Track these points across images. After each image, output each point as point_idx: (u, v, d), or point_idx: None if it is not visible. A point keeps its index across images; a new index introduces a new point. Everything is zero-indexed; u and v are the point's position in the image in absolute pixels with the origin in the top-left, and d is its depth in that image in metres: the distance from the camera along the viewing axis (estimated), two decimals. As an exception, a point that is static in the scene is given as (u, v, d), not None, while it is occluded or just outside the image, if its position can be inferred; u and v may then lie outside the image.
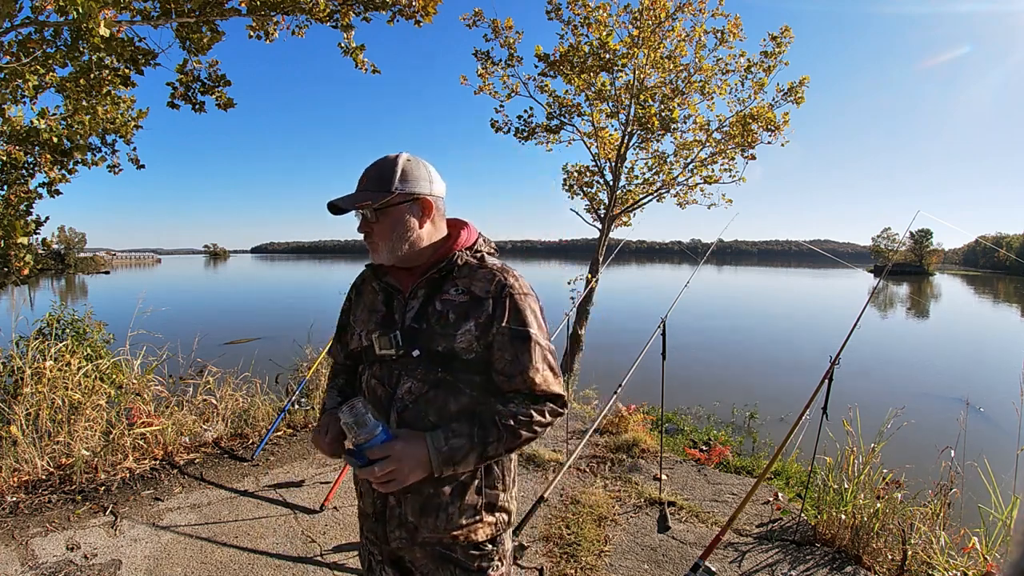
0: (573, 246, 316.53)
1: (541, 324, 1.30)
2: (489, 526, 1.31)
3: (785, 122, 7.16)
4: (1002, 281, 73.62)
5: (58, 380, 3.92)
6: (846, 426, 3.36)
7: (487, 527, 1.31)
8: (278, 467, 4.00)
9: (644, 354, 3.62)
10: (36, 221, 4.64)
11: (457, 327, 1.24)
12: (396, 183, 1.26)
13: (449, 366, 1.25)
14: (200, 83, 4.83)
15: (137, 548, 2.89)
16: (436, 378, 1.25)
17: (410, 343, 1.26)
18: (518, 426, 1.21)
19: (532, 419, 1.22)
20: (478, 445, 1.18)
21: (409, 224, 1.28)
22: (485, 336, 1.24)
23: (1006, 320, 28.24)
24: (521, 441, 1.23)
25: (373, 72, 4.95)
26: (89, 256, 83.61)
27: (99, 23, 3.17)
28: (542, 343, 1.27)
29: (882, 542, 2.95)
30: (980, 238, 24.24)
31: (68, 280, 51.33)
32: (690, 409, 8.01)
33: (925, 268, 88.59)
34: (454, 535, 1.28)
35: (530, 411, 1.22)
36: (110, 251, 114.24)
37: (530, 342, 1.25)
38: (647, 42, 6.67)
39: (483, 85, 7.46)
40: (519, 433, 1.21)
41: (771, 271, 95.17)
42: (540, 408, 1.24)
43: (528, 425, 1.22)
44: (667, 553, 3.02)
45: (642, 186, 8.04)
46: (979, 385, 11.08)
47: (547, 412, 1.25)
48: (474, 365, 1.26)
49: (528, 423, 1.22)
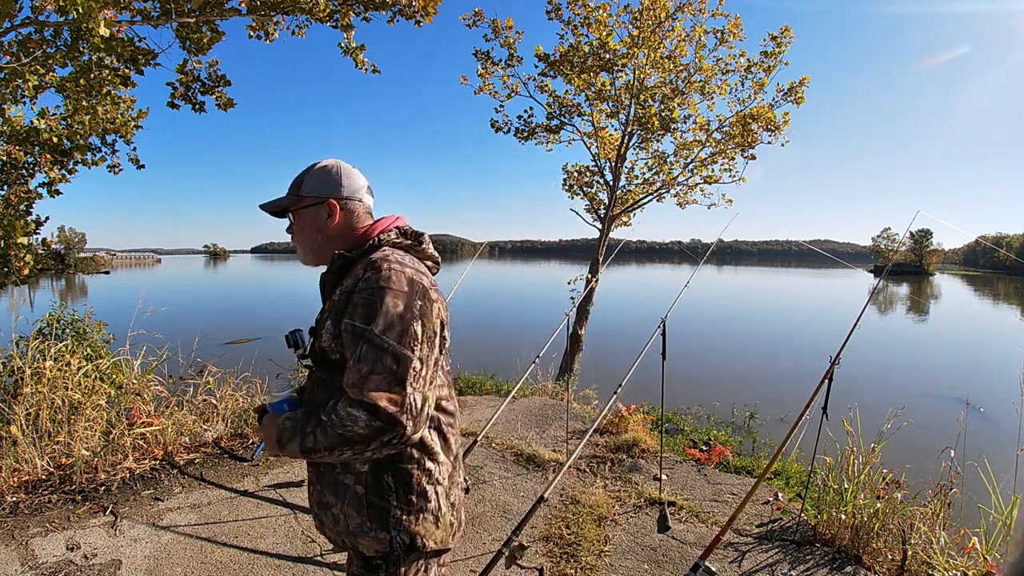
0: (573, 246, 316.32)
1: (392, 323, 1.12)
2: (377, 541, 1.21)
3: (785, 122, 7.16)
4: (1002, 281, 73.62)
5: (58, 380, 3.92)
6: (846, 426, 3.35)
7: (373, 541, 1.21)
8: (278, 467, 4.00)
9: (644, 354, 3.62)
10: (36, 221, 4.64)
11: (322, 326, 1.24)
12: (305, 187, 1.33)
13: (323, 366, 1.25)
14: (200, 83, 4.83)
15: (137, 548, 2.89)
16: (316, 377, 1.30)
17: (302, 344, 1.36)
18: (329, 424, 1.09)
19: (343, 422, 1.08)
20: (299, 432, 1.14)
21: (318, 225, 1.33)
22: (338, 334, 1.18)
23: (1006, 320, 28.23)
24: (333, 442, 1.09)
25: (373, 72, 4.96)
26: (89, 256, 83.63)
27: (99, 23, 3.17)
28: (378, 343, 1.10)
29: (882, 542, 2.95)
30: (980, 238, 24.22)
31: (68, 280, 51.33)
32: (690, 409, 8.01)
33: (925, 268, 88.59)
34: (344, 540, 1.26)
35: (343, 413, 1.08)
36: (110, 251, 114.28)
37: (362, 341, 1.11)
38: (647, 42, 6.67)
39: (483, 85, 7.47)
40: (328, 432, 1.09)
41: (771, 271, 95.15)
42: (353, 414, 1.07)
43: (340, 427, 1.08)
44: (667, 553, 3.02)
45: (642, 186, 8.05)
46: (979, 385, 11.08)
47: (361, 422, 1.07)
48: (341, 366, 1.19)
49: (339, 425, 1.08)
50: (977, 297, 46.05)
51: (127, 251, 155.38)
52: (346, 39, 4.69)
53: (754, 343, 16.68)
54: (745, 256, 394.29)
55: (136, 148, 5.33)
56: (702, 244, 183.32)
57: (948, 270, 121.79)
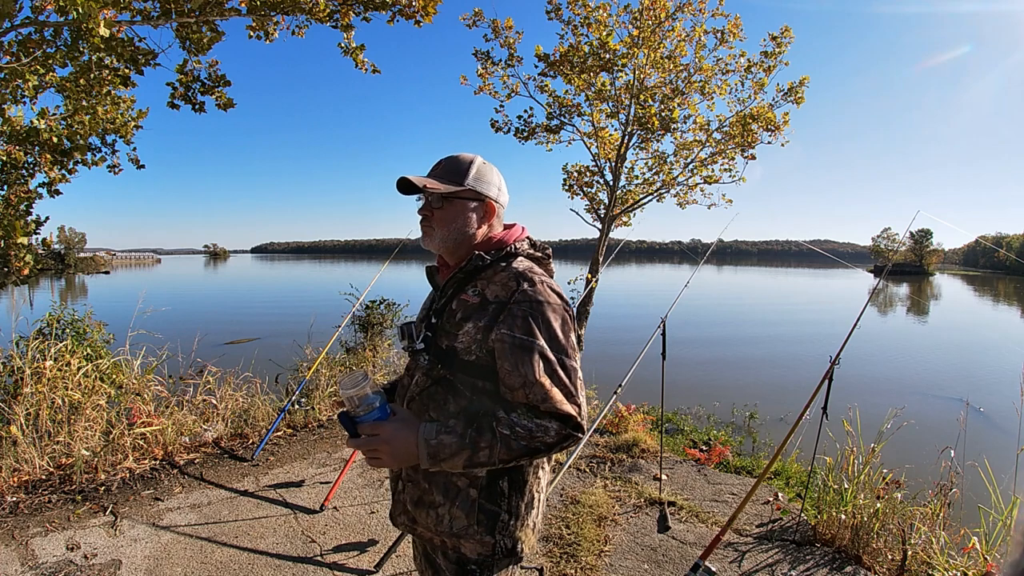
0: (573, 246, 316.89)
1: (555, 336, 1.19)
2: (481, 545, 1.22)
3: (785, 122, 7.15)
4: (1002, 281, 73.62)
5: (58, 380, 3.92)
6: (846, 426, 3.36)
7: (477, 544, 1.22)
8: (278, 467, 4.00)
9: (644, 354, 3.62)
10: (36, 221, 4.63)
11: (459, 327, 1.24)
12: (469, 179, 1.31)
13: (450, 364, 1.24)
14: (200, 83, 4.82)
15: (137, 548, 2.89)
16: (438, 374, 1.26)
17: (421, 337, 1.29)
18: (513, 437, 1.12)
19: (532, 434, 1.12)
20: (468, 447, 1.11)
21: (468, 220, 1.31)
22: (485, 341, 1.20)
23: (1006, 320, 28.23)
24: (516, 455, 1.13)
25: (373, 72, 4.96)
26: (89, 256, 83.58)
27: (99, 23, 3.17)
28: (549, 356, 1.17)
29: (882, 542, 2.95)
30: (980, 238, 24.23)
31: (68, 280, 51.33)
32: (690, 409, 8.01)
33: (925, 268, 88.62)
34: (444, 541, 1.25)
35: (530, 425, 1.13)
36: (110, 251, 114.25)
37: (532, 353, 1.16)
38: (647, 42, 6.66)
39: (483, 85, 7.46)
40: (512, 445, 1.12)
41: (771, 271, 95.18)
42: (543, 425, 1.13)
43: (527, 439, 1.12)
44: (667, 553, 3.02)
45: (642, 186, 8.03)
46: (979, 385, 11.07)
47: (552, 432, 1.14)
48: (474, 368, 1.22)
49: (527, 437, 1.12)
50: (977, 297, 46.06)
51: (127, 251, 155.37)
52: (346, 39, 4.69)
53: (754, 343, 16.68)
54: (745, 256, 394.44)
55: (136, 148, 5.32)
56: (702, 244, 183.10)
57: (948, 270, 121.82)
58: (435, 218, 1.31)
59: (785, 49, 7.00)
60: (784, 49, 7.00)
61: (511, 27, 7.20)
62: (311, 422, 4.91)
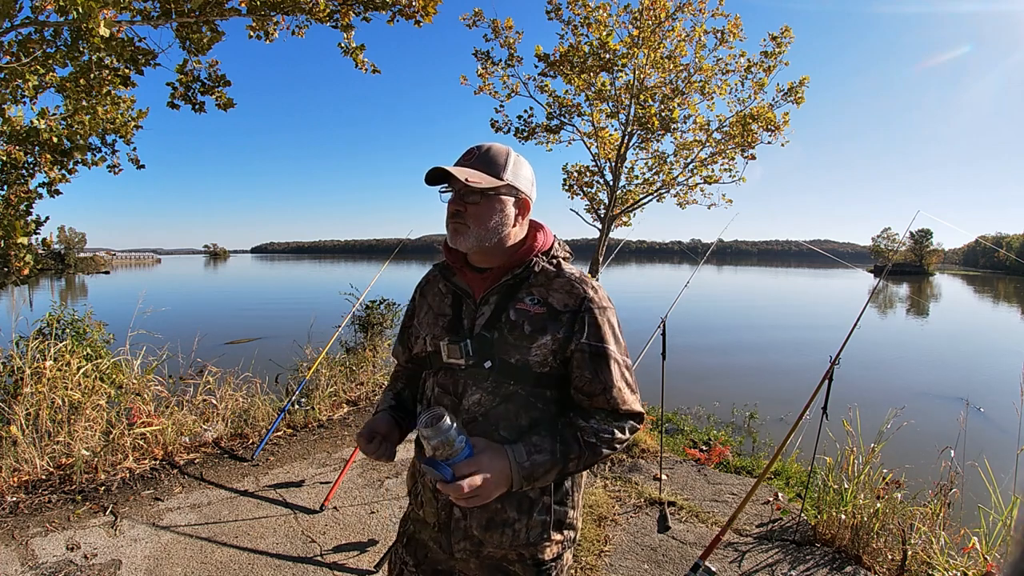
0: (573, 246, 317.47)
1: (619, 339, 1.24)
2: (556, 544, 1.25)
3: (785, 122, 7.15)
4: (1002, 281, 73.62)
5: (58, 380, 3.92)
6: (846, 426, 3.36)
7: (555, 546, 1.24)
8: (278, 467, 4.00)
9: (644, 354, 3.62)
10: (36, 221, 4.63)
11: (533, 340, 1.17)
12: (507, 173, 1.21)
13: (522, 379, 1.18)
14: (200, 83, 4.82)
15: (137, 548, 2.89)
16: (508, 391, 1.18)
17: (481, 353, 1.18)
18: (600, 444, 1.16)
19: (614, 436, 1.18)
20: (559, 461, 1.12)
21: (506, 218, 1.22)
22: (563, 351, 1.19)
23: (1006, 320, 28.23)
24: (600, 458, 1.18)
25: (373, 72, 4.95)
26: (89, 256, 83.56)
27: (99, 23, 3.17)
28: (619, 359, 1.21)
29: (882, 542, 2.95)
30: (980, 238, 24.25)
31: (68, 280, 51.33)
32: (690, 409, 8.00)
33: (925, 268, 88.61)
34: (520, 552, 1.22)
35: (612, 428, 1.18)
36: (110, 251, 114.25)
37: (608, 360, 1.19)
38: (647, 42, 6.66)
39: (483, 85, 7.46)
40: (600, 451, 1.16)
41: (771, 271, 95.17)
42: (621, 426, 1.20)
43: (609, 443, 1.17)
44: (667, 553, 3.02)
45: (642, 186, 8.03)
46: (979, 385, 11.07)
47: (627, 430, 1.21)
48: (547, 379, 1.20)
49: (610, 441, 1.17)
50: (977, 297, 46.06)
51: (127, 251, 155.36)
52: (346, 39, 4.69)
53: (754, 343, 16.68)
54: (745, 256, 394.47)
55: (136, 148, 5.32)
56: (702, 244, 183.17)
57: (948, 270, 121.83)
58: (469, 214, 1.19)
59: (785, 49, 7.00)
60: (784, 49, 7.00)
61: (511, 27, 7.20)
62: (311, 422, 4.91)
